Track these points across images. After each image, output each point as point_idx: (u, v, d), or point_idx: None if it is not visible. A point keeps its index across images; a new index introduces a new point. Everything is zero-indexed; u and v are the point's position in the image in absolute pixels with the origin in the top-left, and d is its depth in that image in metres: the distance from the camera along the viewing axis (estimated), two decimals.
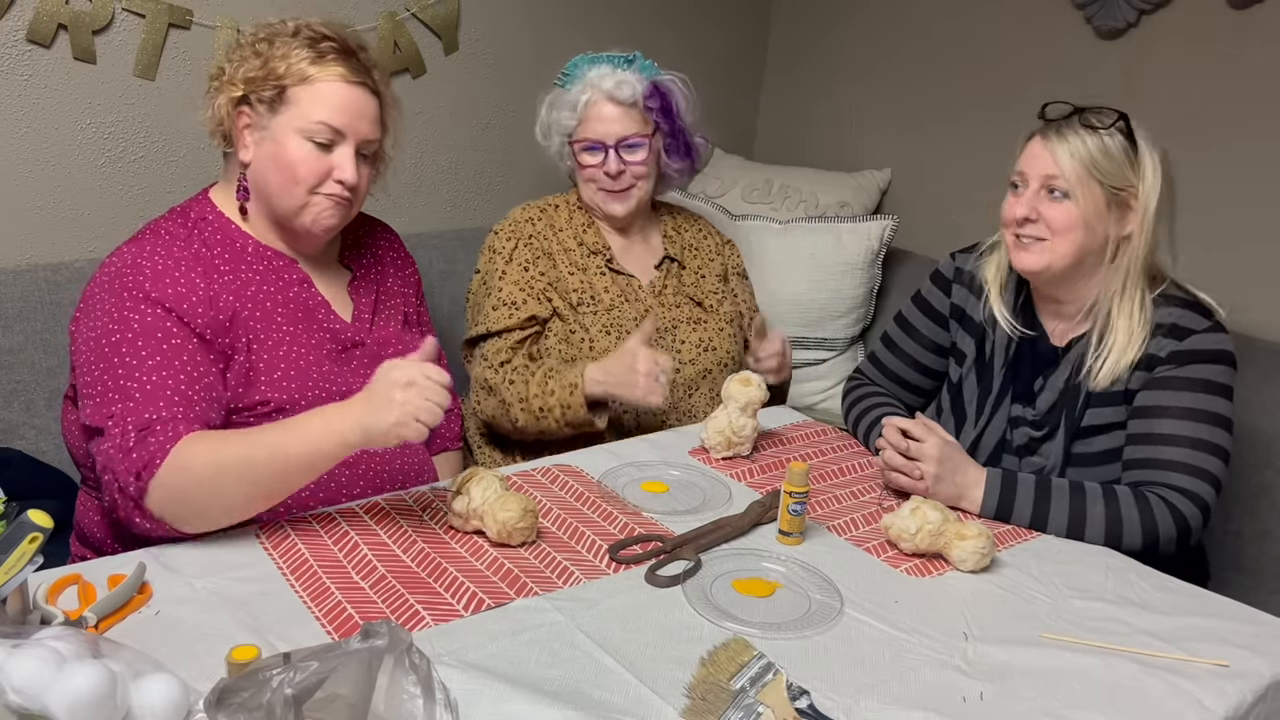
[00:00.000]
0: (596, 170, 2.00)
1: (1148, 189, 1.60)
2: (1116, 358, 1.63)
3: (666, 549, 1.42)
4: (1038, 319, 1.76)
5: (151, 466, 1.29)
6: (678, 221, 2.18)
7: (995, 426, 1.76)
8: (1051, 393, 1.71)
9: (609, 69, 1.99)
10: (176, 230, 1.50)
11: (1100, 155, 1.60)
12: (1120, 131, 1.61)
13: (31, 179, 2.09)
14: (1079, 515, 1.55)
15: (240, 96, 1.49)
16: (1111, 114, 1.62)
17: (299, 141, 1.48)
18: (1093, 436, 1.68)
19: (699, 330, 2.07)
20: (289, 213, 1.52)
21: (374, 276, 1.70)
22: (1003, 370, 1.76)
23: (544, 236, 2.03)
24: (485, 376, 1.95)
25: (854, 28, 3.07)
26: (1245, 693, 1.20)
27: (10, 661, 0.92)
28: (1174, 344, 1.62)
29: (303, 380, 1.51)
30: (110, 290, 1.41)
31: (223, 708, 0.91)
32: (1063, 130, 1.62)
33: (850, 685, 1.15)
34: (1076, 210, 1.60)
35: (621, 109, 1.97)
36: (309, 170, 1.49)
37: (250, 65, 1.49)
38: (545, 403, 1.85)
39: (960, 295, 1.85)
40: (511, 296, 1.97)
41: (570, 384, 1.84)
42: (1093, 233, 1.62)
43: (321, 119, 1.48)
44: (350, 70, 1.50)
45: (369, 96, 1.53)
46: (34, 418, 1.99)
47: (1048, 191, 1.63)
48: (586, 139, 1.99)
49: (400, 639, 0.98)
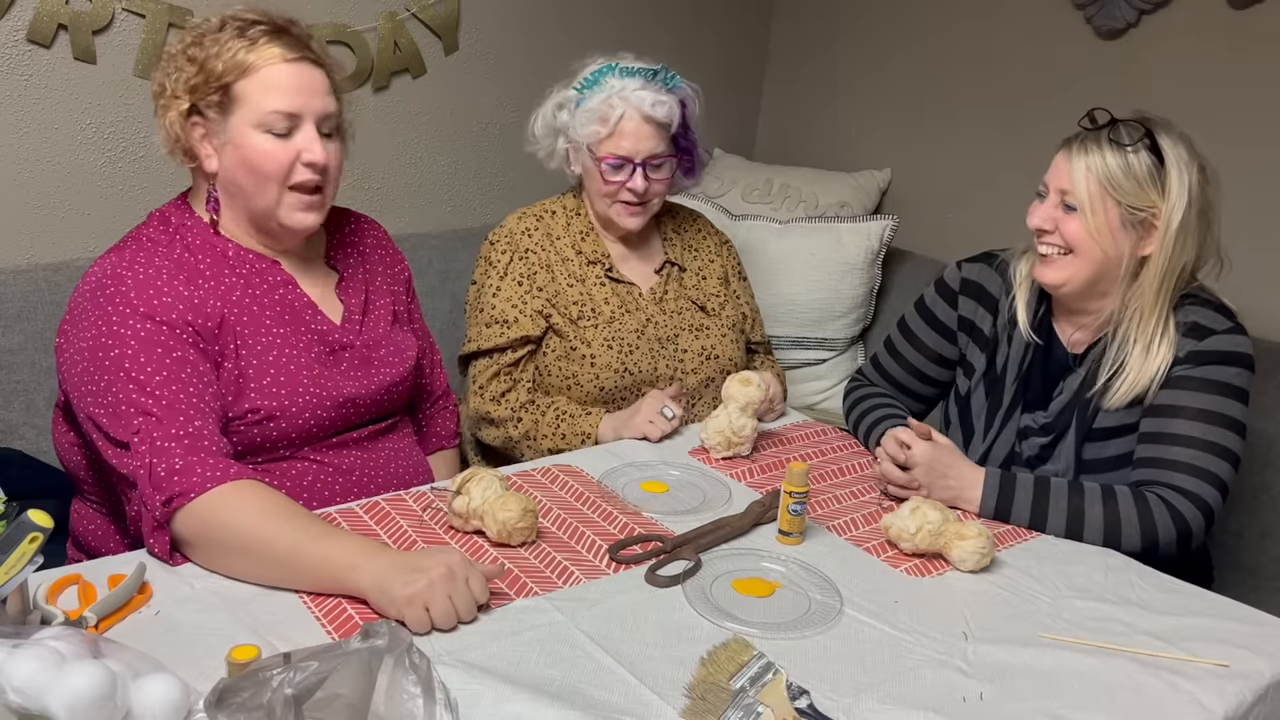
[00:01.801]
0: (619, 187, 1.94)
1: (1170, 208, 1.56)
2: (1133, 379, 1.61)
3: (666, 549, 1.42)
4: (1053, 327, 1.74)
5: (184, 497, 1.27)
6: (676, 222, 2.15)
7: (1005, 439, 1.74)
8: (1067, 395, 1.70)
9: (641, 82, 1.92)
10: (158, 237, 1.47)
11: (1120, 174, 1.56)
12: (1146, 148, 1.57)
13: (31, 179, 2.10)
14: (1077, 515, 1.55)
15: (189, 108, 1.45)
16: (1136, 130, 1.58)
17: (259, 137, 1.43)
18: (1106, 440, 1.67)
19: (701, 338, 2.05)
20: (266, 212, 1.48)
21: (362, 276, 1.66)
22: (1015, 383, 1.74)
23: (541, 248, 1.99)
24: (486, 410, 1.93)
25: (854, 27, 3.07)
26: (1245, 693, 1.20)
27: (10, 661, 0.92)
28: (1193, 343, 1.60)
29: (292, 386, 1.49)
30: (94, 302, 1.39)
31: (223, 708, 0.91)
32: (1087, 144, 1.59)
33: (850, 685, 1.15)
34: (1086, 226, 1.58)
35: (654, 128, 1.92)
36: (275, 163, 1.44)
37: (187, 73, 1.43)
38: (555, 445, 1.86)
39: (968, 308, 1.82)
40: (504, 314, 1.94)
41: (584, 434, 1.86)
42: (1106, 251, 1.59)
43: (274, 107, 1.42)
44: (287, 47, 1.44)
45: (313, 69, 1.47)
46: (34, 418, 1.99)
47: (1063, 204, 1.61)
48: (615, 155, 1.92)
49: (400, 639, 0.98)
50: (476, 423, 1.98)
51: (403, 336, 1.69)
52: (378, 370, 1.60)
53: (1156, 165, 1.57)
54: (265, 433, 1.47)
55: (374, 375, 1.59)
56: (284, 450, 1.51)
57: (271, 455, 1.50)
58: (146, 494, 1.29)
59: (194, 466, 1.29)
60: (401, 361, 1.65)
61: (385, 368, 1.62)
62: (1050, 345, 1.74)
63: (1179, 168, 1.56)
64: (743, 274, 2.20)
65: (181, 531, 1.28)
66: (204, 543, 1.28)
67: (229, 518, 1.27)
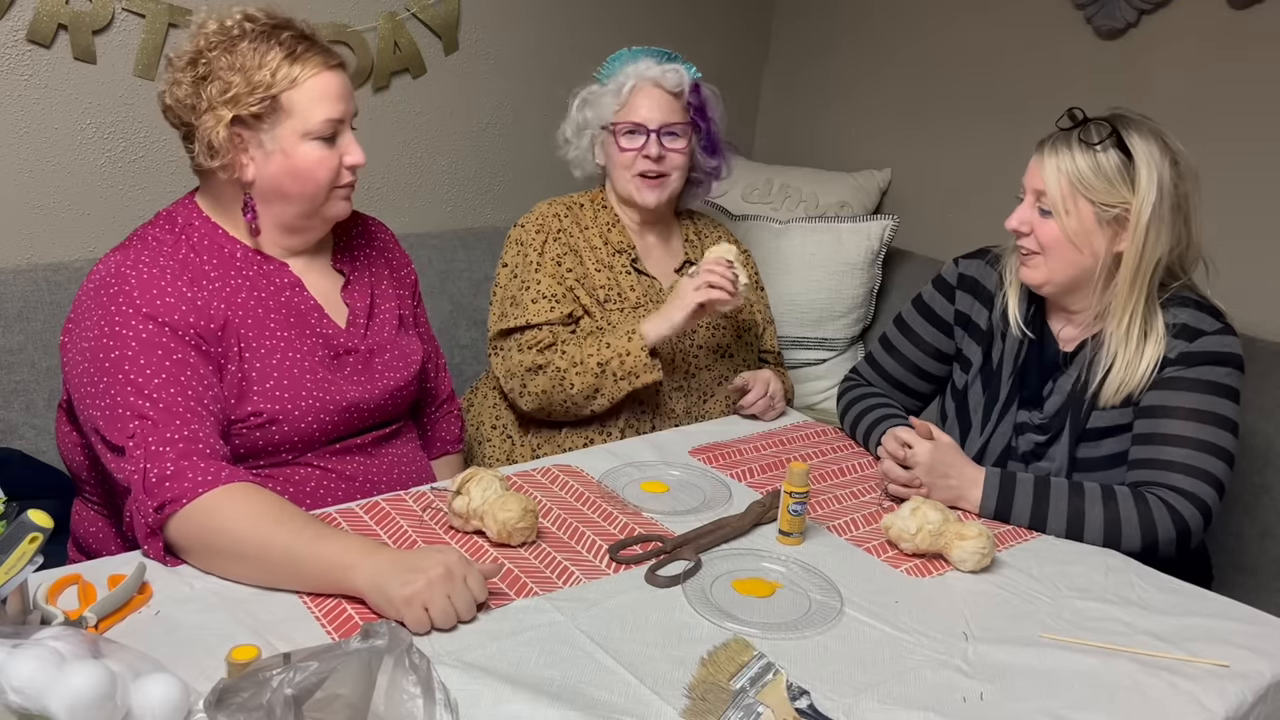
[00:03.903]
0: (635, 155, 2.00)
1: (1140, 202, 1.57)
2: (1121, 375, 1.62)
3: (666, 549, 1.42)
4: (1046, 323, 1.76)
5: (176, 503, 1.27)
6: (698, 228, 2.20)
7: (1001, 433, 1.75)
8: (1059, 396, 1.71)
9: (654, 61, 2.02)
10: (164, 237, 1.47)
11: (1090, 173, 1.58)
12: (1114, 145, 1.58)
13: (31, 179, 2.09)
14: (1078, 516, 1.55)
15: (232, 118, 1.43)
16: (1104, 128, 1.59)
17: (309, 145, 1.45)
18: (1099, 440, 1.68)
19: (717, 336, 2.08)
20: (310, 212, 1.50)
21: (368, 280, 1.66)
22: (1010, 378, 1.75)
23: (570, 233, 2.03)
24: (529, 360, 1.91)
25: (855, 28, 3.07)
26: (1246, 693, 1.20)
27: (10, 661, 0.92)
28: (1184, 345, 1.61)
29: (295, 390, 1.48)
30: (97, 301, 1.39)
31: (223, 708, 0.91)
32: (1058, 145, 1.61)
33: (850, 685, 1.15)
34: (1060, 228, 1.60)
35: (667, 96, 2.00)
36: (327, 169, 1.47)
37: (223, 83, 1.41)
38: (602, 356, 1.87)
39: (965, 302, 1.83)
40: (551, 289, 1.96)
41: (627, 331, 1.87)
42: (1082, 251, 1.61)
43: (325, 116, 1.45)
44: (323, 56, 1.47)
45: (343, 74, 1.50)
46: (34, 418, 1.99)
47: (1039, 208, 1.63)
48: (629, 121, 1.99)
49: (400, 639, 0.98)
50: (523, 378, 1.92)
51: (408, 341, 1.68)
52: (382, 375, 1.60)
53: (1125, 162, 1.58)
54: (268, 436, 1.47)
55: (378, 380, 1.59)
56: (287, 455, 1.50)
57: (274, 460, 1.49)
58: (140, 499, 1.28)
59: (185, 471, 1.28)
60: (406, 366, 1.65)
61: (390, 372, 1.61)
62: (1043, 341, 1.75)
63: (1148, 163, 1.57)
64: (760, 284, 2.23)
65: (176, 537, 1.28)
66: (199, 548, 1.27)
67: (223, 522, 1.26)
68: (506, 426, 2.05)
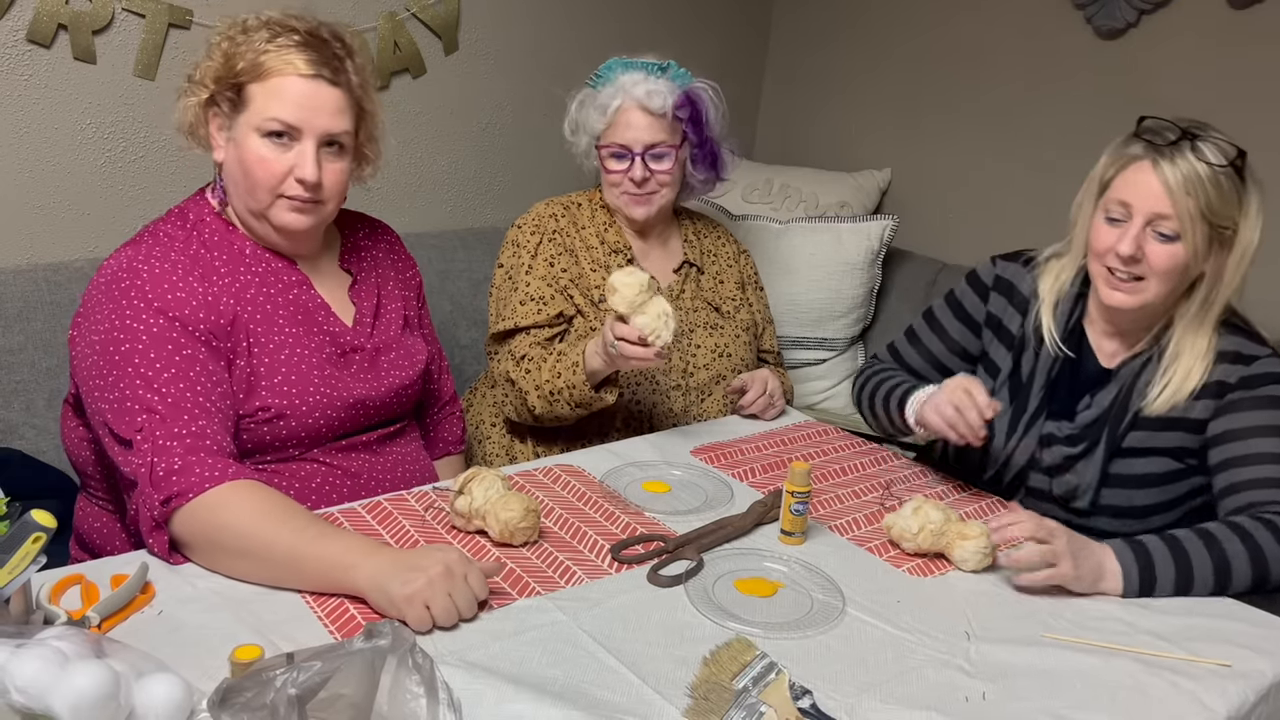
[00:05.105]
0: (621, 176, 1.99)
1: (1250, 229, 1.50)
2: (1178, 385, 1.57)
3: (668, 549, 1.42)
4: (1085, 338, 1.70)
5: (182, 497, 1.27)
6: (697, 227, 2.19)
7: (1026, 445, 1.69)
8: (1096, 409, 1.65)
9: (642, 75, 1.98)
10: (175, 233, 1.48)
11: (1214, 192, 1.47)
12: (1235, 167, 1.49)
13: (32, 179, 2.09)
14: (1223, 563, 1.41)
15: (208, 98, 1.46)
16: (1230, 149, 1.49)
17: (257, 140, 1.43)
18: (1134, 458, 1.63)
19: (715, 335, 2.07)
20: (258, 211, 1.49)
21: (374, 280, 1.67)
22: (1041, 391, 1.69)
23: (567, 233, 2.03)
24: (507, 370, 1.94)
25: (855, 27, 3.07)
26: (1248, 693, 1.20)
27: (14, 661, 0.92)
28: (1242, 369, 1.56)
29: (303, 385, 1.49)
30: (109, 295, 1.39)
31: (226, 708, 0.91)
32: (1175, 159, 1.47)
33: (852, 685, 1.15)
34: (1184, 253, 1.50)
35: (651, 118, 1.96)
36: (267, 171, 1.44)
37: (214, 63, 1.45)
38: (555, 385, 1.85)
39: (998, 304, 1.77)
40: (539, 291, 1.97)
41: (573, 363, 1.84)
42: (1191, 273, 1.54)
43: (274, 114, 1.42)
44: (307, 62, 1.43)
45: (329, 89, 1.44)
46: (34, 418, 1.98)
47: (1154, 230, 1.51)
48: (614, 144, 1.98)
49: (403, 639, 0.98)
50: (503, 387, 1.95)
51: (413, 341, 1.70)
52: (387, 373, 1.61)
53: (1238, 183, 1.50)
54: (275, 431, 1.47)
55: (384, 378, 1.60)
56: (293, 450, 1.51)
57: (280, 455, 1.50)
58: (146, 493, 1.28)
59: (193, 466, 1.29)
60: (411, 365, 1.66)
61: (395, 371, 1.62)
62: (1081, 356, 1.69)
63: (1256, 183, 1.52)
64: (759, 284, 2.23)
65: (180, 532, 1.28)
66: (203, 544, 1.28)
67: (226, 519, 1.26)
68: (506, 425, 2.05)
